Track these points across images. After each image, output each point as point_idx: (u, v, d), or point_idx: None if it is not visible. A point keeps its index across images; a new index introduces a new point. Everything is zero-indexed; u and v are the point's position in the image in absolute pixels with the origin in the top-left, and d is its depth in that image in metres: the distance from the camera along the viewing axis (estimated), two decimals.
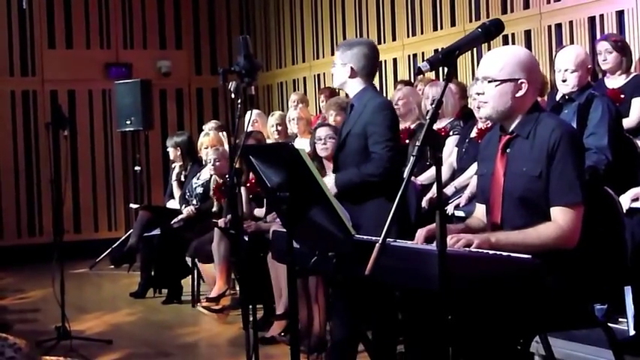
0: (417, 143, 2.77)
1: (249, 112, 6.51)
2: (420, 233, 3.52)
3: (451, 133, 6.63)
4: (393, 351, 4.87)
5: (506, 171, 3.55)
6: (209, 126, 8.68)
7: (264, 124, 8.31)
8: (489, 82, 3.53)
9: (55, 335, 6.12)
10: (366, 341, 4.99)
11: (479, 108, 5.86)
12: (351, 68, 4.83)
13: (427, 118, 2.81)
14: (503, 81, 3.51)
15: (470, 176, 6.12)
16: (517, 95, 3.52)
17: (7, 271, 10.15)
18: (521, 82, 3.51)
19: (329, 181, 4.72)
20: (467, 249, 3.19)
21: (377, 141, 4.70)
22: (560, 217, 3.39)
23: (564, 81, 5.49)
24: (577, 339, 4.65)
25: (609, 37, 6.37)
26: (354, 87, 4.88)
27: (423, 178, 6.48)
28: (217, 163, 7.36)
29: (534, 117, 3.55)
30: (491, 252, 3.17)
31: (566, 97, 5.55)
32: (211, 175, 7.67)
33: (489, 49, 7.56)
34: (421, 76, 7.88)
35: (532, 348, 4.34)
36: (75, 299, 7.66)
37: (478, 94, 3.60)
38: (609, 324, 3.86)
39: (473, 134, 6.28)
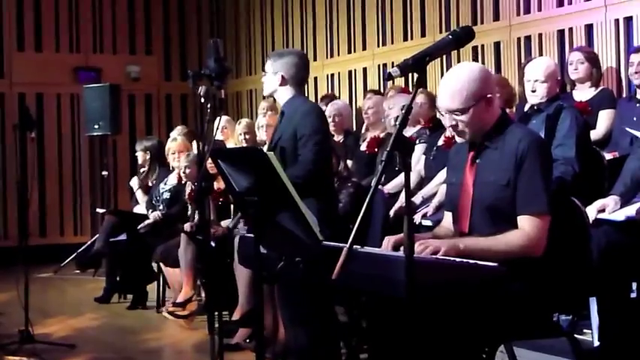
0: (387, 149, 2.77)
1: (218, 118, 6.51)
2: (388, 241, 3.52)
3: (418, 141, 6.64)
4: (356, 358, 4.88)
5: (475, 180, 3.56)
6: (177, 131, 8.65)
7: (233, 130, 8.29)
8: (460, 114, 3.54)
9: (17, 339, 6.07)
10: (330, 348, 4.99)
11: (452, 129, 5.91)
12: (282, 77, 4.87)
13: (396, 123, 2.81)
14: (474, 105, 3.51)
15: (437, 184, 6.13)
16: (487, 111, 3.54)
17: None
18: (489, 97, 3.53)
19: None
20: (434, 256, 3.19)
21: (304, 144, 4.74)
22: (527, 225, 3.41)
23: (534, 91, 5.53)
24: (542, 349, 4.66)
25: (582, 49, 6.43)
26: (284, 95, 4.94)
27: (391, 186, 6.49)
28: (188, 170, 7.30)
29: (503, 127, 3.57)
30: (457, 259, 3.18)
31: (535, 107, 5.59)
32: (183, 182, 7.62)
33: (459, 58, 7.65)
34: (390, 84, 7.90)
35: (497, 358, 4.36)
36: (39, 303, 7.59)
37: (451, 126, 3.60)
38: (574, 334, 3.87)
39: (440, 142, 6.30)
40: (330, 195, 4.92)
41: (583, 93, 6.29)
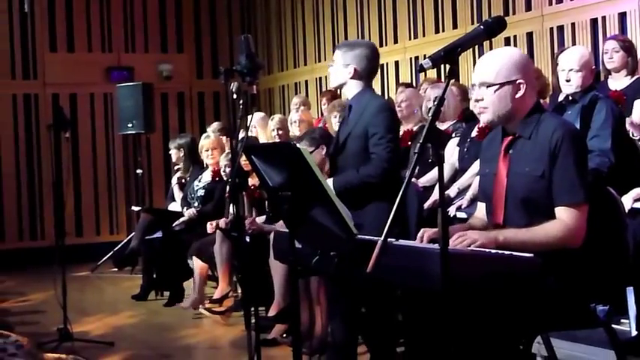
0: (420, 141, 2.76)
1: (255, 114, 6.50)
2: (424, 233, 3.50)
3: (454, 135, 6.62)
4: (393, 352, 4.87)
5: (509, 171, 3.54)
6: (212, 128, 8.68)
7: (264, 126, 8.31)
8: (487, 87, 3.52)
9: (57, 337, 6.13)
10: (367, 343, 5.00)
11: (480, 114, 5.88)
12: (355, 69, 4.82)
13: (429, 115, 2.80)
14: (501, 84, 3.50)
15: (471, 176, 6.11)
16: (516, 96, 3.51)
17: (8, 275, 10.16)
18: (519, 83, 3.50)
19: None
20: (469, 248, 3.18)
21: (377, 142, 4.70)
22: (565, 216, 3.39)
23: (568, 81, 5.48)
24: (579, 339, 4.63)
25: (617, 37, 6.34)
26: (352, 88, 4.88)
27: (425, 180, 6.47)
28: (228, 170, 7.30)
29: (536, 117, 3.54)
30: (493, 251, 3.16)
31: (570, 98, 5.54)
32: (221, 178, 7.63)
33: (491, 48, 7.60)
34: (423, 77, 7.88)
35: (534, 349, 4.33)
36: (77, 302, 7.66)
37: (477, 100, 3.59)
38: (611, 324, 3.84)
39: (474, 134, 6.27)
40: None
41: (618, 82, 6.22)
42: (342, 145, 4.86)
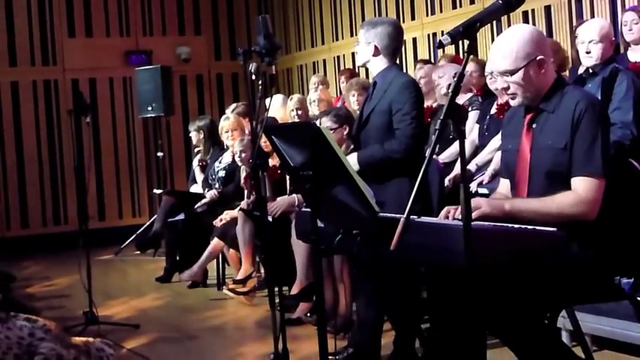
0: (440, 118, 2.76)
1: (275, 96, 6.49)
2: (447, 211, 3.49)
3: (470, 108, 6.60)
4: (418, 328, 4.88)
5: (533, 146, 3.53)
6: (231, 109, 8.68)
7: (283, 106, 8.30)
8: (510, 75, 3.51)
9: (82, 321, 6.17)
10: (392, 320, 5.01)
11: (503, 92, 5.87)
12: (375, 47, 4.84)
13: (449, 91, 2.80)
14: (523, 67, 3.48)
15: (490, 151, 6.09)
16: (542, 72, 3.50)
17: (33, 260, 10.25)
18: (540, 59, 3.49)
19: (351, 159, 4.72)
20: (491, 224, 3.17)
21: (401, 118, 4.73)
22: (580, 186, 3.37)
23: (588, 52, 5.44)
24: (604, 313, 4.63)
25: (636, 8, 6.27)
26: (377, 65, 4.90)
27: (445, 156, 6.47)
28: (243, 155, 7.32)
29: (559, 90, 3.53)
30: (516, 226, 3.15)
31: (590, 71, 5.51)
32: (237, 165, 7.64)
33: (509, 23, 7.56)
34: (440, 53, 7.84)
35: (559, 323, 4.34)
36: (101, 285, 7.72)
37: (504, 89, 3.57)
38: (637, 297, 3.83)
39: (493, 110, 6.24)
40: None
41: (638, 53, 6.18)
42: (365, 120, 4.88)
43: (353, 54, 5.30)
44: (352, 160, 4.73)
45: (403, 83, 4.81)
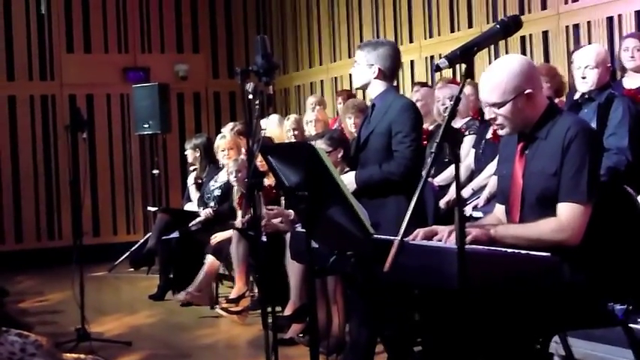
0: (436, 141, 2.77)
1: (271, 116, 6.50)
2: (417, 233, 3.46)
3: (467, 132, 6.62)
4: (410, 351, 4.87)
5: (525, 172, 3.54)
6: (227, 128, 8.70)
7: (280, 126, 8.31)
8: (498, 107, 3.51)
9: (74, 337, 6.15)
10: (385, 342, 5.00)
11: (492, 122, 5.89)
12: (379, 69, 4.86)
13: (445, 115, 2.81)
14: (510, 100, 3.48)
15: (487, 177, 6.10)
16: (528, 105, 3.50)
17: (26, 275, 10.22)
18: (528, 92, 3.49)
19: (349, 178, 4.74)
20: (486, 247, 3.18)
21: (401, 140, 4.76)
22: (563, 212, 3.37)
23: (584, 78, 5.46)
24: (596, 339, 4.62)
25: (638, 35, 6.27)
26: (377, 88, 4.93)
27: (440, 179, 6.48)
28: (239, 175, 7.32)
29: (552, 117, 3.53)
30: (509, 250, 3.16)
31: (586, 96, 5.52)
32: (232, 183, 7.64)
33: (507, 48, 7.60)
34: (438, 77, 7.86)
35: (551, 348, 4.32)
36: (94, 302, 7.70)
37: (491, 120, 3.59)
38: (629, 324, 3.83)
39: (489, 135, 6.26)
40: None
41: (633, 80, 6.20)
42: (364, 142, 4.90)
43: (350, 75, 5.30)
44: (349, 179, 4.76)
45: (403, 105, 4.84)
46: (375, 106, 4.93)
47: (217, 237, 7.35)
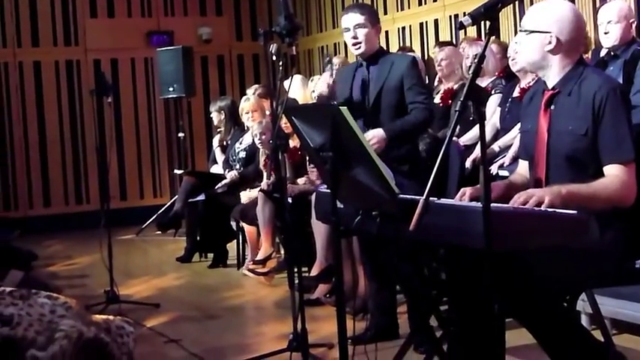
0: (461, 99, 2.75)
1: (294, 77, 6.50)
2: (462, 193, 3.49)
3: (493, 92, 6.57)
4: (437, 310, 4.88)
5: (550, 128, 3.51)
6: (251, 90, 8.69)
7: (302, 87, 8.29)
8: (527, 33, 3.53)
9: (104, 299, 6.22)
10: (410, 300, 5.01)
11: (514, 60, 5.86)
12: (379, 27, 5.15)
13: (469, 73, 2.79)
14: (532, 31, 3.52)
15: (513, 137, 6.07)
16: (546, 49, 3.49)
17: (55, 239, 10.32)
18: (550, 36, 3.48)
19: (377, 132, 4.77)
20: (511, 205, 3.16)
21: (418, 92, 4.95)
22: (620, 173, 3.36)
23: (606, 33, 5.43)
24: (623, 296, 4.62)
25: None
26: (375, 46, 5.11)
27: (466, 138, 6.45)
28: (263, 137, 7.32)
29: (578, 73, 3.50)
30: (536, 208, 3.14)
31: (612, 53, 5.48)
32: (257, 148, 7.65)
33: (532, 3, 7.50)
34: (462, 35, 7.80)
35: (578, 306, 4.33)
36: (122, 265, 7.77)
37: (516, 43, 3.62)
38: None
39: (515, 94, 6.21)
40: None
41: None
42: (375, 99, 4.94)
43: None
44: (379, 133, 4.78)
45: (411, 61, 5.02)
46: (368, 65, 5.01)
47: (250, 195, 7.35)
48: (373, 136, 4.79)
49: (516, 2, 7.01)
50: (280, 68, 4.55)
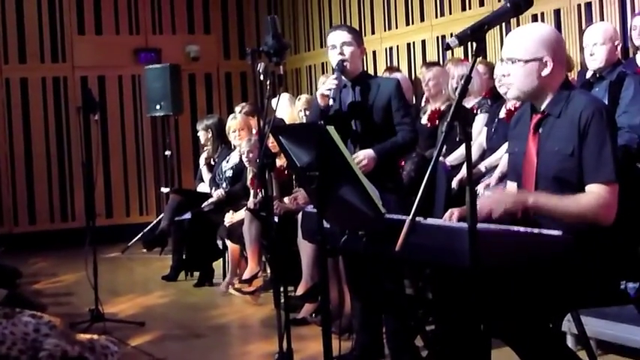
0: (447, 120, 2.76)
1: (282, 96, 6.50)
2: (451, 214, 3.51)
3: (480, 111, 6.60)
4: (423, 329, 4.88)
5: (539, 150, 3.52)
6: (239, 108, 8.69)
7: (291, 106, 8.30)
8: (513, 62, 3.52)
9: (88, 318, 6.19)
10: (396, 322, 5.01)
11: (506, 91, 5.88)
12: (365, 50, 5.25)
13: (456, 94, 2.80)
14: (527, 61, 3.49)
15: (500, 157, 6.09)
16: (543, 74, 3.50)
17: (40, 256, 10.26)
18: (546, 61, 3.48)
19: (367, 152, 4.78)
20: (497, 226, 3.17)
21: (405, 114, 4.98)
22: (596, 192, 3.37)
23: (592, 55, 5.45)
24: (609, 317, 4.63)
25: None
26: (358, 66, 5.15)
27: (452, 158, 6.47)
28: (250, 155, 7.32)
29: (565, 95, 3.52)
30: (522, 229, 3.15)
31: (597, 75, 5.51)
32: (245, 166, 7.65)
33: (518, 25, 7.54)
34: (449, 56, 7.83)
35: (564, 327, 4.34)
36: (108, 283, 7.74)
37: (504, 75, 3.60)
38: None
39: (502, 115, 6.24)
40: None
41: None
42: (366, 116, 4.97)
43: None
44: (369, 153, 4.79)
45: (397, 82, 5.06)
46: (353, 85, 5.04)
47: (232, 218, 7.36)
48: (363, 156, 4.80)
49: (503, 24, 7.04)
50: (268, 87, 4.56)
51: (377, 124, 4.95)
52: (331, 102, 4.87)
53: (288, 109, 8.28)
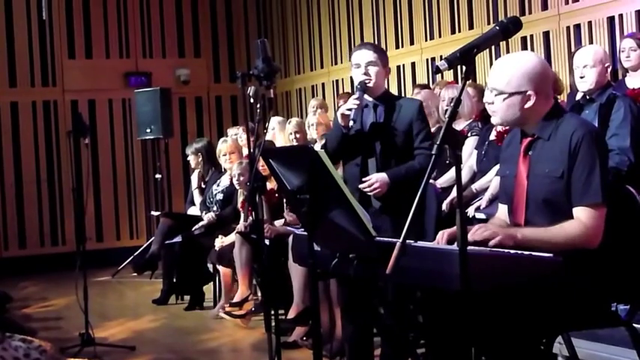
0: (437, 143, 2.77)
1: (272, 118, 6.51)
2: (442, 235, 3.51)
3: (469, 134, 6.62)
4: (414, 353, 4.87)
5: (530, 173, 3.53)
6: (232, 132, 8.70)
7: (282, 129, 8.32)
8: (497, 94, 3.52)
9: (79, 342, 6.17)
10: (387, 344, 5.00)
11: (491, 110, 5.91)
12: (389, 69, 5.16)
13: (446, 117, 2.81)
14: (510, 94, 3.49)
15: (490, 179, 6.10)
16: (526, 107, 3.49)
17: (30, 280, 10.22)
18: (529, 94, 3.48)
19: (381, 177, 4.77)
20: (488, 249, 3.18)
21: (423, 138, 4.90)
22: (584, 216, 3.37)
23: (582, 77, 5.48)
24: (600, 339, 4.62)
25: (634, 35, 6.27)
26: (382, 87, 5.06)
27: (442, 180, 6.47)
28: (241, 178, 7.32)
29: (555, 118, 3.53)
30: (512, 251, 3.16)
31: (587, 97, 5.53)
32: (235, 188, 7.65)
33: (508, 49, 7.59)
34: (439, 78, 7.86)
35: (555, 349, 4.33)
36: (98, 307, 7.71)
37: (488, 103, 3.60)
38: (633, 324, 3.83)
39: (492, 137, 6.25)
40: None
41: (636, 80, 6.19)
42: (387, 137, 4.92)
43: (351, 78, 5.31)
44: (382, 177, 4.77)
45: (419, 105, 4.99)
46: (376, 106, 4.94)
47: (223, 241, 7.35)
48: (376, 180, 4.76)
49: (493, 46, 7.08)
50: (258, 110, 4.57)
51: (398, 146, 4.89)
52: (351, 123, 4.84)
53: (279, 132, 8.29)
